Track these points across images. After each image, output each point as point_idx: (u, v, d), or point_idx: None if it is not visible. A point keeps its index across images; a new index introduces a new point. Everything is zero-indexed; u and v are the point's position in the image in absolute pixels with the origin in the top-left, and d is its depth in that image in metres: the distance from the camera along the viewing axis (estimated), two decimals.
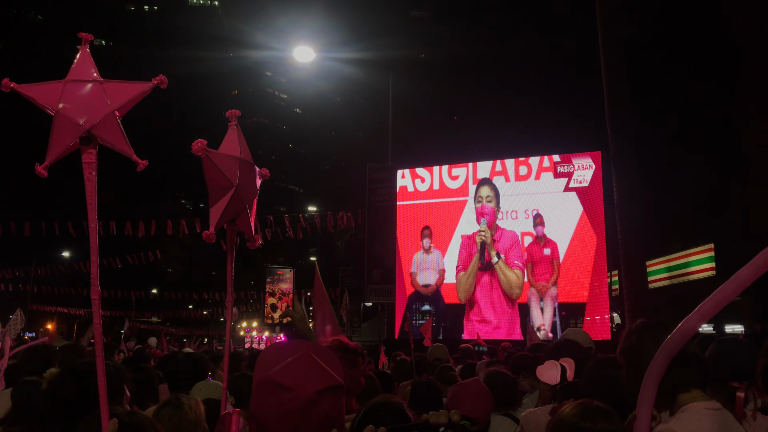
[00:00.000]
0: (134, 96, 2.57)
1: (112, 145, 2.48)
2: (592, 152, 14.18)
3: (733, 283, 1.78)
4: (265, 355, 1.70)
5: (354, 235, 26.30)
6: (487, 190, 14.71)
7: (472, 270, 14.25)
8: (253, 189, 3.10)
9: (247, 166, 3.08)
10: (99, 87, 2.51)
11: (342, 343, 2.76)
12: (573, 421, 2.00)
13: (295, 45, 20.93)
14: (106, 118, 2.46)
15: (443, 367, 5.10)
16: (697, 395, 2.02)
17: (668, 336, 1.87)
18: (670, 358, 1.93)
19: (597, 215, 13.74)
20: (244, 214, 3.07)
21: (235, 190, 2.96)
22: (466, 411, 3.14)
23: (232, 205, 3.01)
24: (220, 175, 2.96)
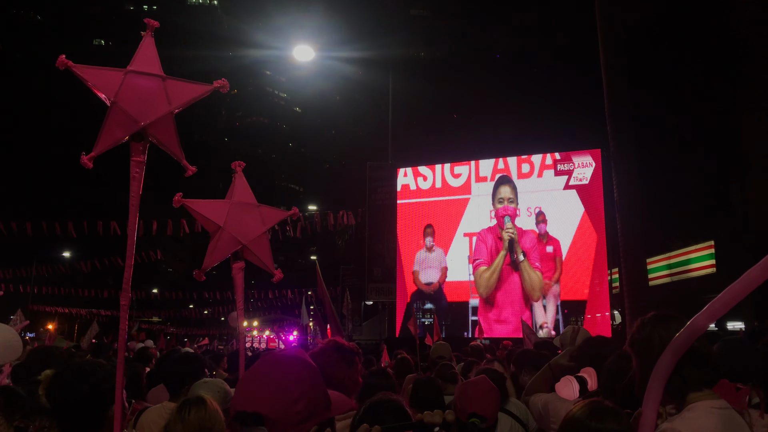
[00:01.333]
0: (194, 97, 2.51)
1: (164, 146, 2.43)
2: (592, 150, 14.19)
3: (742, 284, 1.77)
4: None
5: (354, 233, 26.30)
6: (508, 191, 14.64)
7: (497, 266, 14.17)
8: (253, 228, 3.23)
9: (242, 208, 3.30)
10: (160, 84, 2.43)
11: (338, 344, 2.76)
12: (581, 420, 2.00)
13: (295, 44, 20.91)
14: (163, 117, 2.39)
15: (443, 365, 5.11)
16: (706, 394, 2.02)
17: (679, 331, 1.87)
18: (677, 357, 1.92)
19: (597, 213, 13.75)
20: (248, 252, 3.23)
21: (223, 231, 3.21)
22: (476, 409, 3.15)
23: (222, 245, 3.22)
24: (204, 220, 3.25)
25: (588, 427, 1.98)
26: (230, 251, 3.24)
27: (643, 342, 2.14)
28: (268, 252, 3.35)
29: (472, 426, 3.12)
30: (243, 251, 3.29)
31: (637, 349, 2.16)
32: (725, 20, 14.96)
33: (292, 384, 1.52)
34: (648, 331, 2.14)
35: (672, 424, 1.97)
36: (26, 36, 60.94)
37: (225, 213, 3.23)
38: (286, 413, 1.47)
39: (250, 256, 3.30)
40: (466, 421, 3.15)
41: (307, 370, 1.58)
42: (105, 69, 2.38)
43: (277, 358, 1.61)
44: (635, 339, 2.18)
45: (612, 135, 10.57)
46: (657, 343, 2.02)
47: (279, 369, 1.56)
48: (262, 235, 3.31)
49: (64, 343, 16.46)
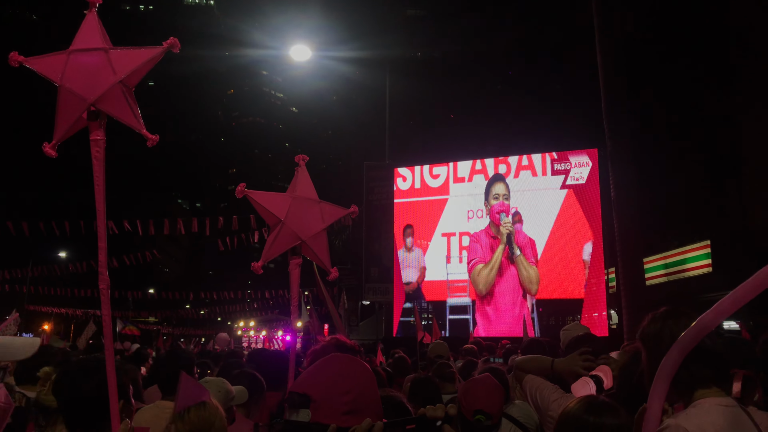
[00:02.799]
0: (141, 63, 2.38)
1: (120, 119, 2.32)
2: (588, 150, 14.22)
3: (754, 282, 1.75)
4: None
5: (351, 233, 26.29)
6: (502, 187, 14.84)
7: (496, 262, 14.26)
8: (313, 224, 3.25)
9: (303, 203, 3.31)
10: (103, 56, 2.33)
11: (339, 341, 2.76)
12: (579, 415, 2.01)
13: (292, 44, 20.89)
14: (111, 89, 2.27)
15: (441, 364, 5.11)
16: (714, 392, 2.01)
17: (689, 327, 1.87)
18: (684, 354, 1.92)
19: (594, 212, 13.78)
20: (306, 248, 3.24)
21: (283, 225, 3.21)
22: (482, 406, 3.15)
23: (281, 239, 3.23)
24: (265, 212, 3.25)
25: (586, 422, 1.98)
26: (289, 246, 3.23)
27: (653, 336, 2.14)
28: (325, 249, 3.37)
29: (477, 423, 3.12)
30: (301, 247, 3.27)
31: (647, 343, 2.16)
32: (722, 20, 14.98)
33: (347, 378, 1.58)
34: (659, 325, 2.14)
35: (676, 419, 1.97)
36: (20, 36, 60.77)
37: (287, 207, 3.23)
38: (333, 400, 1.53)
39: (307, 252, 3.31)
40: (471, 419, 3.15)
41: (364, 372, 1.65)
42: (50, 54, 2.32)
43: (339, 356, 1.71)
44: (645, 333, 2.18)
45: (609, 134, 10.59)
46: (667, 337, 2.02)
47: (337, 362, 1.65)
48: (322, 231, 3.31)
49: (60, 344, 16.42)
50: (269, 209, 3.20)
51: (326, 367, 1.65)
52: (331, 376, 1.60)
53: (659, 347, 2.02)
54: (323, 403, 1.53)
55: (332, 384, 1.57)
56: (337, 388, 1.56)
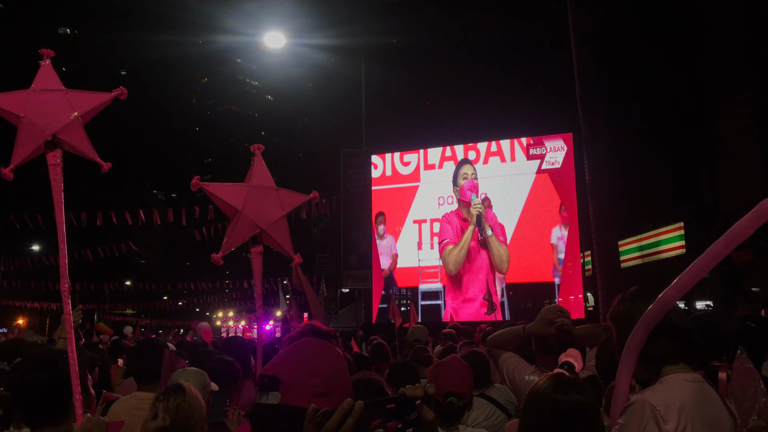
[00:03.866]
0: (97, 105, 2.74)
1: (77, 149, 2.65)
2: (564, 134, 14.32)
3: (707, 257, 1.83)
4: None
5: (330, 221, 26.25)
6: (470, 168, 14.91)
7: (465, 242, 14.36)
8: (272, 212, 3.24)
9: (260, 192, 3.30)
10: (63, 96, 2.67)
11: (315, 327, 2.77)
12: (546, 392, 2.04)
13: (266, 31, 20.71)
14: (70, 123, 2.61)
15: (418, 349, 5.15)
16: (681, 368, 2.05)
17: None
18: (649, 330, 1.96)
19: (570, 196, 13.91)
20: (266, 236, 3.23)
21: (241, 215, 3.23)
22: (451, 387, 3.18)
23: (240, 229, 3.22)
24: (222, 203, 3.31)
25: (553, 400, 2.01)
26: (248, 235, 3.27)
27: (622, 316, 2.17)
28: (287, 236, 3.40)
29: (450, 405, 3.15)
30: (261, 235, 3.29)
31: (617, 323, 2.20)
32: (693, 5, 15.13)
33: (317, 361, 1.59)
34: (628, 305, 2.17)
35: (642, 395, 2.00)
36: None
37: (243, 196, 3.25)
38: (303, 383, 1.54)
39: (268, 240, 3.33)
40: (443, 402, 3.18)
41: (335, 356, 1.66)
42: (11, 92, 2.64)
43: (311, 340, 1.73)
44: (615, 313, 2.22)
45: (583, 119, 10.69)
46: (636, 317, 2.06)
47: (308, 346, 1.67)
48: (281, 219, 3.34)
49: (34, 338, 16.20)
50: (225, 200, 3.25)
51: (296, 350, 1.66)
52: (301, 358, 1.61)
53: (629, 326, 2.05)
54: (292, 385, 1.54)
55: (302, 366, 1.58)
56: (307, 370, 1.57)
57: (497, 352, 3.29)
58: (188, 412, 2.45)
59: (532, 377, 3.03)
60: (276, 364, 1.62)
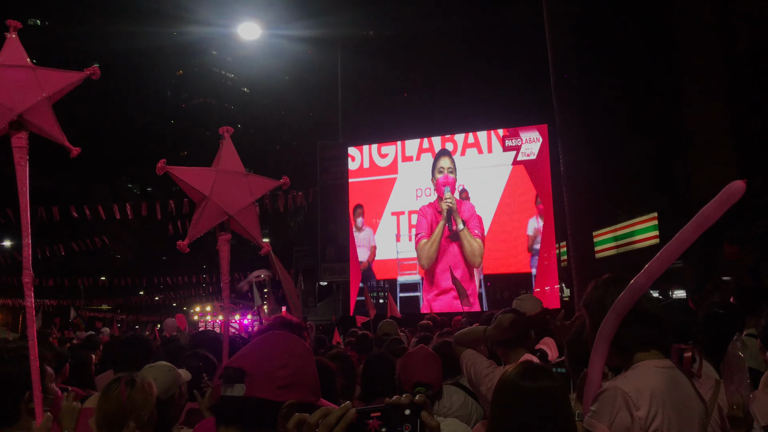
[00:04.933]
0: (67, 84, 2.57)
1: (44, 131, 2.48)
2: (539, 125, 14.41)
3: (676, 242, 1.85)
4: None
5: (307, 214, 26.15)
6: (448, 161, 14.91)
7: (437, 237, 14.39)
8: (240, 198, 3.13)
9: (228, 177, 3.17)
10: (31, 73, 2.49)
11: (285, 320, 2.76)
12: (514, 380, 2.04)
13: (241, 22, 20.48)
14: (38, 104, 2.44)
15: (393, 340, 5.15)
16: (653, 354, 2.07)
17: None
18: (621, 317, 1.98)
19: (545, 187, 14.01)
20: (234, 223, 3.12)
21: (208, 201, 3.10)
22: (420, 377, 3.18)
23: (207, 215, 3.09)
24: (189, 189, 3.17)
25: (522, 387, 2.02)
26: (216, 222, 3.16)
27: (595, 303, 2.19)
28: (256, 223, 3.28)
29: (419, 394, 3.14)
30: (229, 222, 3.18)
31: (590, 310, 2.21)
32: None
33: (283, 353, 1.58)
34: (601, 292, 2.19)
35: (615, 381, 2.02)
36: None
37: (211, 182, 3.13)
38: (269, 375, 1.53)
39: (236, 227, 3.21)
40: (411, 392, 3.18)
41: (301, 348, 1.64)
42: None
43: (278, 332, 1.72)
44: (588, 300, 2.23)
45: (558, 110, 10.75)
46: (609, 304, 2.07)
47: (274, 339, 1.65)
48: (250, 205, 3.23)
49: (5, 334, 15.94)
50: (192, 185, 3.11)
51: (263, 342, 1.65)
52: (268, 350, 1.60)
53: (601, 313, 2.07)
54: (258, 376, 1.53)
55: (268, 358, 1.57)
56: (273, 362, 1.56)
57: (460, 349, 3.30)
58: (133, 404, 2.42)
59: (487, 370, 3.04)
60: (242, 356, 1.61)
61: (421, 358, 3.29)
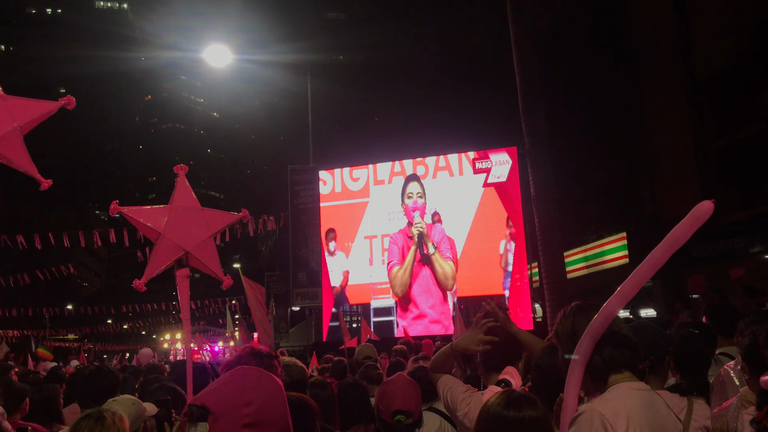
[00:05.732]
0: (39, 114, 2.49)
1: (13, 163, 2.39)
2: (508, 147, 14.57)
3: (647, 264, 1.86)
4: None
5: (278, 239, 25.98)
6: (417, 186, 14.90)
7: (409, 263, 14.33)
8: (196, 233, 3.08)
9: (184, 213, 3.11)
10: (1, 102, 2.41)
11: (254, 350, 2.69)
12: (498, 410, 2.01)
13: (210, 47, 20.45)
14: (7, 134, 2.36)
15: (367, 366, 5.09)
16: (627, 376, 2.07)
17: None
18: (595, 341, 1.97)
19: (515, 209, 14.13)
20: (193, 258, 3.06)
21: (163, 239, 3.06)
22: (399, 405, 3.13)
23: (163, 252, 3.03)
24: (143, 227, 3.12)
25: (506, 418, 1.99)
26: (172, 258, 3.09)
27: (566, 332, 2.18)
28: (215, 257, 3.22)
29: (398, 424, 3.10)
30: (187, 258, 3.12)
31: (561, 339, 2.20)
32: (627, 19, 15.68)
33: (249, 389, 1.53)
34: (570, 321, 2.18)
35: (591, 404, 2.01)
36: None
37: (164, 219, 3.09)
38: (233, 412, 1.48)
39: (195, 262, 3.15)
40: (391, 421, 3.13)
41: (272, 386, 1.59)
42: None
43: (246, 368, 1.65)
44: (559, 330, 2.23)
45: (526, 133, 10.89)
46: (579, 332, 2.07)
47: (241, 374, 1.60)
48: (207, 240, 3.18)
49: None
50: (146, 223, 3.07)
51: (229, 378, 1.59)
52: (233, 387, 1.54)
53: (573, 341, 2.07)
54: (222, 415, 1.48)
55: (233, 395, 1.51)
56: (238, 399, 1.50)
57: (436, 376, 3.27)
58: None
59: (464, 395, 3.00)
60: (207, 393, 1.56)
61: (400, 386, 3.24)
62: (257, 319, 10.98)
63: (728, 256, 12.33)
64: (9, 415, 3.36)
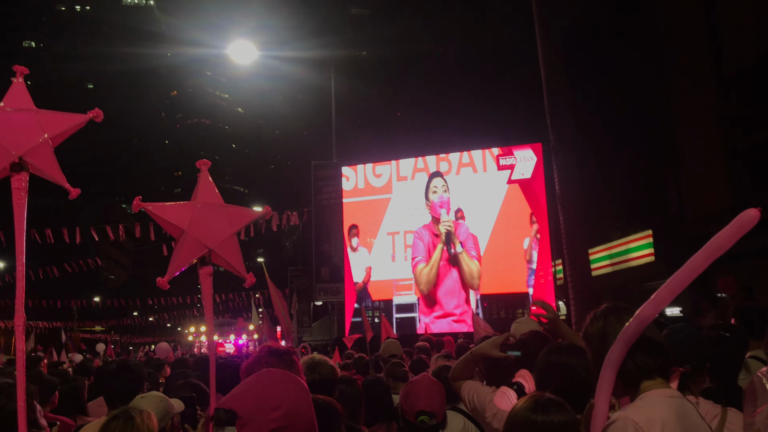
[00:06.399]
0: (69, 127, 2.57)
1: (44, 173, 2.48)
2: (533, 144, 14.44)
3: (686, 270, 1.80)
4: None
5: (301, 234, 26.09)
6: (441, 180, 14.74)
7: (435, 261, 14.20)
8: (220, 230, 3.08)
9: (206, 210, 3.13)
10: (33, 116, 2.51)
11: (272, 349, 2.70)
12: (525, 414, 1.99)
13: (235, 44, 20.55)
14: (39, 146, 2.45)
15: (394, 364, 5.07)
16: (659, 383, 2.03)
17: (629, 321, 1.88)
18: (628, 347, 1.93)
19: (540, 206, 14.01)
20: (216, 256, 3.06)
21: (187, 235, 3.04)
22: (423, 406, 3.12)
23: (187, 250, 3.06)
24: (167, 224, 3.09)
25: (534, 422, 1.97)
26: (196, 256, 3.07)
27: (597, 335, 2.14)
28: (238, 255, 3.19)
29: (422, 424, 3.10)
30: (210, 255, 3.11)
31: (591, 343, 2.16)
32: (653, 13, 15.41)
33: (277, 393, 1.53)
34: (602, 323, 2.14)
35: (625, 412, 1.98)
36: None
37: (189, 216, 3.06)
38: (261, 416, 1.48)
39: (218, 260, 3.13)
40: (415, 421, 3.12)
41: (298, 389, 1.59)
42: None
43: (271, 370, 1.66)
44: (589, 332, 2.19)
45: (552, 129, 10.77)
46: (611, 334, 2.03)
47: (268, 377, 1.60)
48: (231, 237, 3.15)
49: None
50: (169, 220, 3.04)
51: (256, 381, 1.59)
52: (260, 390, 1.54)
53: (605, 345, 2.03)
54: (250, 419, 1.48)
55: (261, 399, 1.51)
56: (266, 403, 1.50)
57: (458, 384, 3.24)
58: None
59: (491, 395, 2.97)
60: (234, 396, 1.56)
61: (424, 387, 3.23)
62: (280, 314, 11.05)
63: (761, 254, 12.09)
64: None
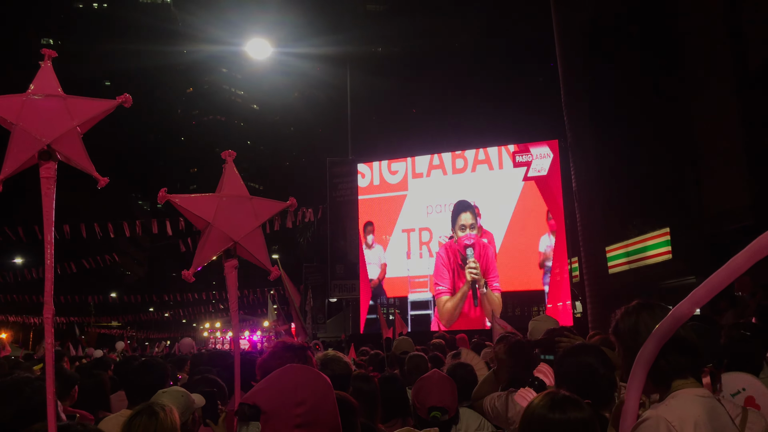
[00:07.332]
0: (97, 113, 2.53)
1: (73, 161, 2.44)
2: (549, 141, 14.35)
3: (726, 271, 1.74)
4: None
5: (316, 231, 26.16)
6: (469, 217, 14.12)
7: (459, 302, 13.88)
8: (245, 223, 3.05)
9: (232, 202, 3.10)
10: (61, 102, 2.47)
11: (287, 344, 2.70)
12: (542, 413, 1.97)
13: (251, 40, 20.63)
14: (67, 133, 2.41)
15: (413, 356, 5.05)
16: (690, 382, 2.01)
17: (663, 318, 1.85)
18: (661, 345, 1.91)
19: (556, 203, 13.92)
20: (240, 248, 3.03)
21: (212, 228, 3.01)
22: (435, 401, 3.12)
23: (212, 242, 3.03)
24: (192, 216, 3.06)
25: (551, 420, 1.95)
26: (221, 249, 3.05)
27: (628, 331, 2.12)
28: (263, 248, 3.16)
29: (434, 420, 3.10)
30: (235, 248, 3.08)
31: (622, 338, 2.14)
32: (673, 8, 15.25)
33: (300, 388, 1.53)
34: (633, 319, 2.12)
35: (656, 411, 1.96)
36: None
37: (214, 208, 3.03)
38: (285, 412, 1.48)
39: (243, 253, 3.11)
40: (427, 417, 3.12)
41: (321, 383, 1.59)
42: (6, 96, 2.45)
43: (296, 366, 1.65)
44: (620, 327, 2.16)
45: (569, 126, 10.71)
46: (643, 331, 2.01)
47: (292, 373, 1.59)
48: (256, 230, 3.12)
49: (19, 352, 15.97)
50: (195, 212, 3.00)
51: (279, 377, 1.59)
52: (284, 386, 1.54)
53: (636, 341, 2.00)
54: (273, 415, 1.48)
55: (284, 395, 1.51)
56: (290, 398, 1.50)
57: (478, 403, 3.25)
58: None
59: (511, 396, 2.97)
60: (257, 391, 1.56)
61: (435, 382, 3.23)
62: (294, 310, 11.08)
63: None
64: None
